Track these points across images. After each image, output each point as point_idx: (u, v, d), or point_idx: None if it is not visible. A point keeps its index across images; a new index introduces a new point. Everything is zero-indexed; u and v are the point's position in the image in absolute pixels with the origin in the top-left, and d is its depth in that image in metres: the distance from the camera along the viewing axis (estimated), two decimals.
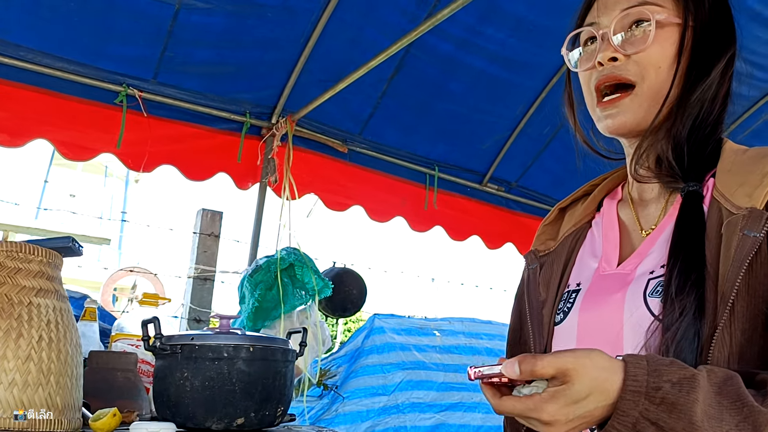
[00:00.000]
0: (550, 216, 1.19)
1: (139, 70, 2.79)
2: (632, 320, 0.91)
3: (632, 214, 1.06)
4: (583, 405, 0.75)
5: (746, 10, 2.70)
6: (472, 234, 3.78)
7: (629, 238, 1.04)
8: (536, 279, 1.12)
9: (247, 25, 2.74)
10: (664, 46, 0.97)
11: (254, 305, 2.58)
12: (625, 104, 0.99)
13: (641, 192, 1.06)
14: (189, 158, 2.97)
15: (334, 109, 3.15)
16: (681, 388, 0.74)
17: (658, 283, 0.91)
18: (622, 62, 0.98)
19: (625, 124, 0.99)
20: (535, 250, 1.17)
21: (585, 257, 1.08)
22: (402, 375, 3.67)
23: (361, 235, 28.03)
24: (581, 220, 1.13)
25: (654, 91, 0.98)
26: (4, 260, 1.19)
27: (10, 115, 2.59)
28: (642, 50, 0.97)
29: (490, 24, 2.97)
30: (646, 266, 0.95)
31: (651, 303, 0.90)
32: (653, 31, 0.96)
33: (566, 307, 1.03)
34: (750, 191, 0.89)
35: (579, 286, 1.04)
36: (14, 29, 2.53)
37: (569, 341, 1.00)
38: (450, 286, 5.23)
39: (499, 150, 3.65)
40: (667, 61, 0.98)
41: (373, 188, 3.44)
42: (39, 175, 17.85)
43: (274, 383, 1.37)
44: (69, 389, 1.20)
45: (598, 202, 1.14)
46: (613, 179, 1.16)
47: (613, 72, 0.99)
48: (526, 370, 0.75)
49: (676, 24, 0.98)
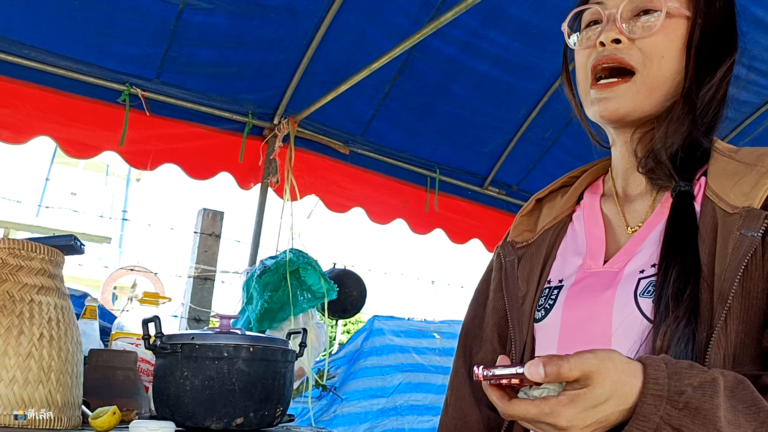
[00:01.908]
0: (527, 207, 1.15)
1: (142, 70, 2.79)
2: (622, 320, 0.89)
3: (617, 209, 1.02)
4: (601, 409, 0.71)
5: (750, 16, 2.70)
6: (472, 237, 3.78)
7: (614, 235, 1.00)
8: (515, 272, 1.07)
9: (250, 26, 2.75)
10: (671, 38, 0.94)
11: (263, 306, 2.58)
12: (621, 90, 0.95)
13: (626, 187, 1.03)
14: (191, 157, 2.98)
15: (337, 110, 3.16)
16: (704, 393, 0.71)
17: (649, 283, 0.88)
18: (626, 46, 0.94)
19: (618, 110, 0.95)
20: (512, 241, 1.12)
21: (567, 253, 1.04)
22: (401, 377, 3.67)
23: (361, 236, 28.04)
24: (561, 214, 1.09)
25: (654, 81, 0.94)
26: (6, 257, 1.20)
27: (13, 111, 2.59)
28: (648, 37, 0.94)
29: (494, 27, 2.97)
30: (635, 265, 0.92)
31: (642, 303, 0.88)
32: (662, 19, 0.93)
33: (548, 303, 0.99)
34: (747, 190, 0.87)
35: (561, 283, 1.00)
36: (18, 27, 2.53)
37: (551, 339, 0.97)
38: (450, 289, 5.23)
39: (500, 153, 3.65)
40: (671, 53, 0.95)
41: (374, 190, 3.44)
42: (41, 172, 17.88)
43: (273, 383, 1.38)
44: (69, 387, 1.21)
45: (579, 194, 1.11)
46: (592, 172, 1.12)
47: (615, 54, 0.95)
48: (552, 373, 0.70)
49: (685, 17, 0.95)
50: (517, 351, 1.01)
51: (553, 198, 1.15)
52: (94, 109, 2.73)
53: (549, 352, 0.97)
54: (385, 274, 4.66)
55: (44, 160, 17.78)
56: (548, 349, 0.98)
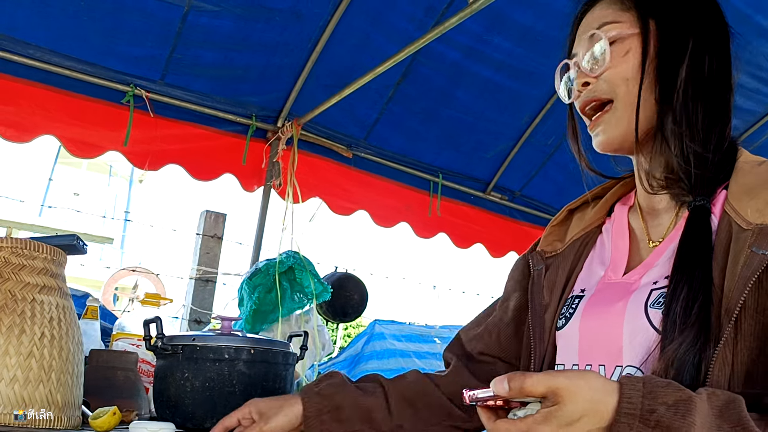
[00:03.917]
0: (558, 217, 1.18)
1: (146, 71, 2.80)
2: (631, 330, 0.90)
3: (641, 224, 1.04)
4: (576, 427, 0.73)
5: (754, 25, 2.70)
6: (476, 242, 3.77)
7: (638, 248, 1.02)
8: (540, 282, 1.10)
9: (255, 29, 2.75)
10: (626, 59, 0.99)
11: (252, 308, 2.58)
12: (605, 120, 1.01)
13: (650, 202, 1.04)
14: (195, 158, 2.98)
15: (340, 114, 3.16)
16: (676, 411, 0.72)
17: (660, 294, 0.89)
18: (594, 84, 1.01)
19: (611, 140, 1.00)
20: (541, 250, 1.14)
21: (593, 264, 1.06)
22: None
23: (363, 240, 28.04)
24: (591, 225, 1.12)
25: (631, 105, 0.98)
26: (8, 256, 1.20)
27: (17, 110, 2.59)
28: (606, 69, 0.99)
29: (498, 33, 2.97)
30: (650, 277, 0.94)
31: (651, 314, 0.88)
32: (607, 48, 0.99)
33: (568, 312, 1.02)
34: (762, 207, 0.87)
35: (583, 293, 1.02)
36: (23, 27, 2.54)
37: (571, 348, 0.99)
38: (451, 294, 5.23)
39: (503, 159, 3.65)
40: (633, 72, 0.98)
41: (378, 194, 3.44)
42: (44, 173, 17.91)
43: (274, 386, 1.38)
44: (70, 387, 1.21)
45: (610, 206, 1.13)
46: (625, 184, 1.14)
47: (589, 95, 1.02)
48: (515, 387, 0.73)
49: (634, 34, 0.99)
50: (537, 359, 1.04)
51: (585, 209, 1.17)
52: (99, 109, 2.73)
53: (570, 360, 0.99)
54: (386, 278, 4.67)
55: (47, 160, 17.82)
56: (569, 357, 1.00)
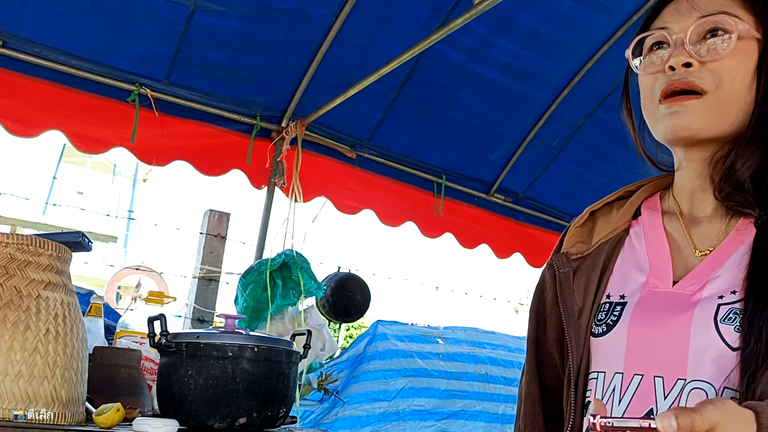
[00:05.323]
0: (580, 218, 1.13)
1: (152, 70, 2.81)
2: (699, 345, 0.88)
3: (683, 230, 1.00)
4: None
5: None
6: (481, 242, 3.76)
7: (681, 256, 0.99)
8: (570, 284, 1.05)
9: (260, 29, 2.76)
10: (742, 59, 0.93)
11: (244, 306, 2.60)
12: (692, 105, 0.94)
13: (692, 208, 1.01)
14: (202, 155, 2.99)
15: (344, 114, 3.16)
16: None
17: (730, 310, 0.87)
18: (696, 69, 0.94)
19: (690, 126, 0.94)
20: (567, 252, 1.10)
21: (627, 268, 1.03)
22: (403, 382, 3.66)
23: (366, 241, 28.04)
24: (618, 227, 1.08)
25: (725, 103, 0.93)
26: (14, 253, 1.20)
27: (24, 105, 2.60)
28: (719, 59, 0.93)
29: (503, 35, 2.98)
30: (712, 290, 0.91)
31: (723, 330, 0.86)
32: (734, 41, 0.93)
33: (610, 319, 0.98)
34: None
35: (624, 299, 0.99)
36: (29, 25, 2.55)
37: (614, 357, 0.96)
38: (454, 295, 5.23)
39: (507, 161, 3.65)
40: (743, 74, 0.93)
41: (383, 193, 3.44)
42: (48, 171, 17.94)
43: (277, 384, 1.38)
44: (74, 383, 1.21)
45: (635, 209, 1.09)
46: (649, 187, 1.10)
47: (685, 77, 0.94)
48: (685, 425, 0.68)
49: (755, 39, 0.94)
50: (575, 365, 1.01)
51: (608, 211, 1.12)
52: (105, 106, 2.74)
53: (612, 369, 0.96)
54: (389, 278, 4.67)
55: (52, 158, 17.84)
56: (611, 365, 0.97)
